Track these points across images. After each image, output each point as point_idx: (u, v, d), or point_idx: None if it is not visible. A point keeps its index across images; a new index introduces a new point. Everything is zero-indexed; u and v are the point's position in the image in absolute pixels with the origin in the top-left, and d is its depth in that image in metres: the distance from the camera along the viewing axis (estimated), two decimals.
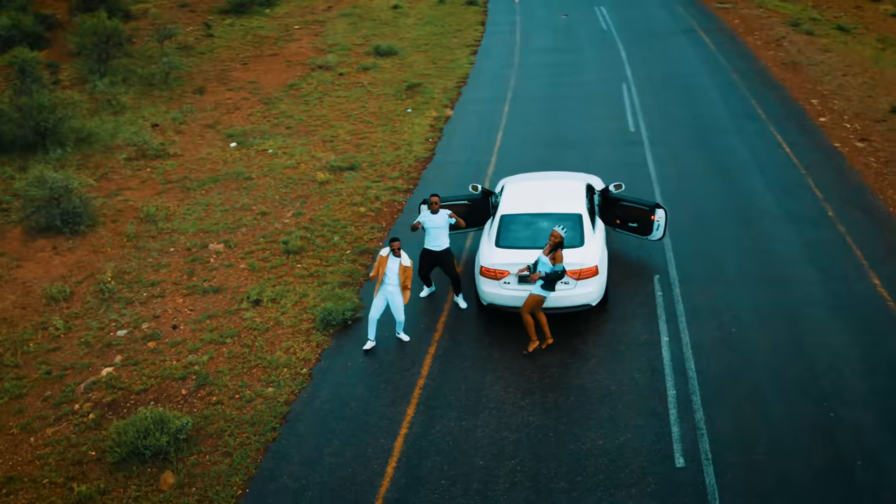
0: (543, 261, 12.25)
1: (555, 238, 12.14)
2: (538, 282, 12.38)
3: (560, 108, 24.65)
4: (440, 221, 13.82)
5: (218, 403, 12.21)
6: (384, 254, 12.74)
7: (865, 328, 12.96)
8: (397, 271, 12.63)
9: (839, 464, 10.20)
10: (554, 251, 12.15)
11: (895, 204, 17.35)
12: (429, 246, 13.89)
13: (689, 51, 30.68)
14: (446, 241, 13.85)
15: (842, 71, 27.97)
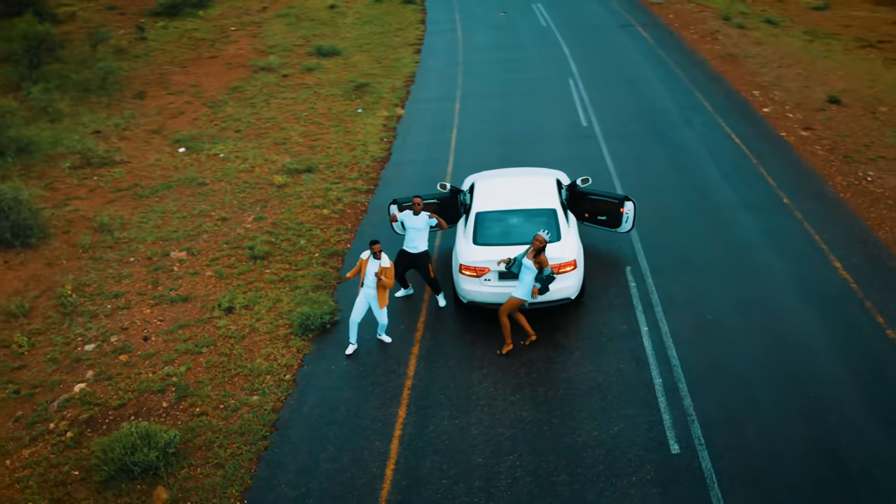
0: (527, 264, 12.27)
1: (539, 242, 12.17)
2: (520, 285, 12.40)
3: (511, 104, 24.83)
4: (420, 223, 13.78)
5: (202, 415, 11.93)
6: (364, 256, 12.64)
7: (833, 310, 13.42)
8: (377, 274, 12.54)
9: (826, 443, 10.55)
10: (538, 255, 12.18)
11: (844, 189, 17.98)
12: (406, 247, 13.84)
13: (630, 46, 31.25)
14: (424, 244, 13.82)
15: (777, 63, 28.87)
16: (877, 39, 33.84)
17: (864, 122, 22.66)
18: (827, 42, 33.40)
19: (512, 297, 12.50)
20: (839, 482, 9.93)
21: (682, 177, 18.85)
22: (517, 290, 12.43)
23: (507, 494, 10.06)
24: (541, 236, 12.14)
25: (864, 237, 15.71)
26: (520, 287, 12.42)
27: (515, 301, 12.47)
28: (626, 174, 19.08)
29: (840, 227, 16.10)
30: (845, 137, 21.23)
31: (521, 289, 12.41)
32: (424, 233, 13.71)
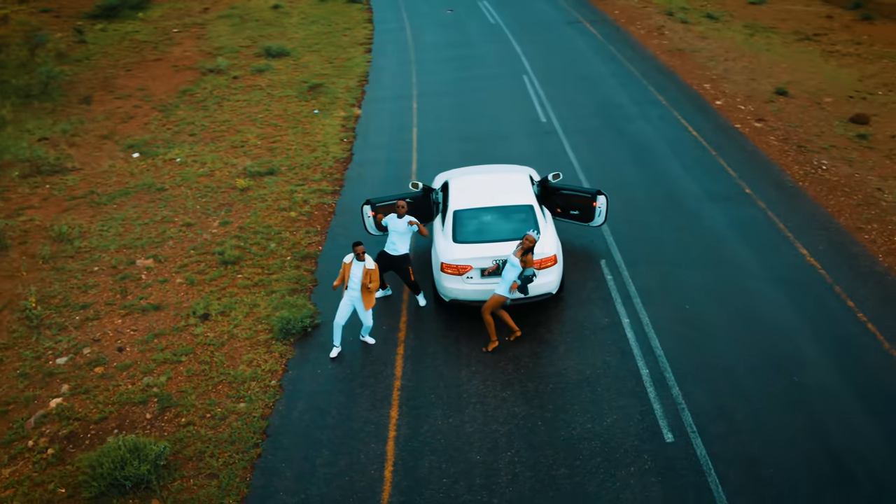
0: (513, 261, 12.32)
1: (529, 242, 12.20)
2: (502, 282, 12.45)
3: (468, 102, 24.89)
4: (402, 227, 13.74)
5: (189, 425, 11.70)
6: (347, 260, 12.55)
7: (805, 296, 13.82)
8: (361, 276, 12.47)
9: (815, 425, 10.87)
10: (525, 254, 12.23)
11: (802, 178, 18.51)
12: (387, 249, 13.79)
13: (580, 42, 31.61)
14: (405, 248, 13.79)
15: (723, 56, 29.55)
16: (812, 32, 34.87)
17: (811, 112, 23.35)
18: (767, 36, 34.30)
19: (495, 294, 12.54)
20: (829, 462, 10.26)
21: (645, 170, 19.15)
22: (500, 288, 12.48)
23: (509, 490, 10.10)
24: (531, 236, 12.19)
25: (826, 224, 16.19)
26: (502, 284, 12.47)
27: (498, 298, 12.51)
28: (590, 169, 19.31)
29: (802, 215, 16.57)
30: (797, 128, 21.84)
31: (503, 286, 12.46)
32: (406, 236, 13.67)
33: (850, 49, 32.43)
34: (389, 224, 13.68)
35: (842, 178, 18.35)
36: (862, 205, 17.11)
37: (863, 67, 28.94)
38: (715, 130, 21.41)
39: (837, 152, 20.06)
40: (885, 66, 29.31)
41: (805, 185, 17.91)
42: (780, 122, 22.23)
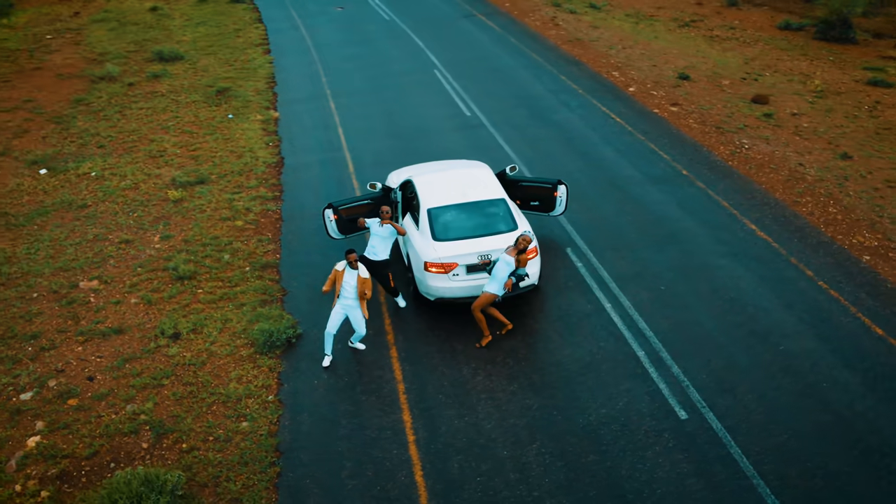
0: (507, 260, 12.34)
1: (524, 242, 12.28)
2: (492, 279, 12.49)
3: (386, 99, 24.76)
4: (385, 232, 13.59)
5: (193, 450, 11.18)
6: (340, 267, 12.27)
7: (765, 269, 14.63)
8: (355, 284, 12.24)
9: (809, 388, 11.56)
10: (520, 254, 12.28)
11: (729, 158, 19.53)
12: (368, 254, 13.61)
13: (481, 35, 31.99)
14: (386, 253, 13.63)
15: (619, 45, 30.65)
16: (689, 19, 36.69)
17: (716, 95, 24.62)
18: (650, 24, 35.83)
19: (485, 292, 12.57)
20: (832, 419, 10.92)
21: (582, 158, 19.66)
22: (490, 286, 12.52)
23: (546, 482, 10.21)
24: (527, 237, 12.24)
25: (764, 200, 17.16)
26: (492, 282, 12.51)
27: (489, 296, 12.56)
28: (528, 160, 19.64)
29: (741, 193, 17.48)
30: (709, 110, 22.97)
31: (494, 283, 12.50)
32: (389, 241, 13.53)
33: (727, 34, 34.32)
34: (372, 229, 13.49)
35: (765, 156, 19.46)
36: (790, 180, 18.21)
37: (743, 51, 30.70)
38: (636, 116, 22.20)
39: (752, 131, 21.24)
40: (762, 49, 31.21)
41: (735, 164, 18.88)
42: (693, 105, 23.30)
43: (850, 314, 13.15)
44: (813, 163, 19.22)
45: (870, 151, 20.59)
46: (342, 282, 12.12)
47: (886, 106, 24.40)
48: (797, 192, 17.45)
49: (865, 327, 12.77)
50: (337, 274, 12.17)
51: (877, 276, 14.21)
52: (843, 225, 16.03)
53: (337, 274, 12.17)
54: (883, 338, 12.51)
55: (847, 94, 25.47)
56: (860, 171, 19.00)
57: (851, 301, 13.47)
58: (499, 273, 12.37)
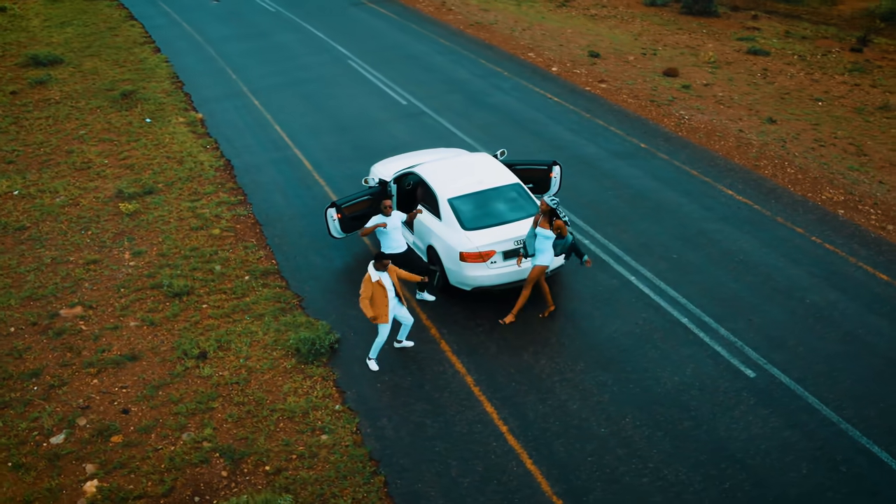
0: (543, 233, 12.43)
1: (545, 207, 12.28)
2: (539, 253, 12.61)
3: (312, 93, 24.09)
4: (397, 222, 13.36)
5: (280, 472, 10.62)
6: (374, 277, 11.80)
7: (757, 229, 15.58)
8: (393, 285, 11.96)
9: (851, 336, 12.50)
10: (552, 221, 12.37)
11: (677, 129, 20.51)
12: (390, 251, 13.34)
13: (377, 22, 31.68)
14: (404, 243, 13.45)
15: (517, 26, 31.28)
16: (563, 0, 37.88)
17: (630, 70, 25.69)
18: (531, 5, 36.77)
19: (536, 265, 12.59)
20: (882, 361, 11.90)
21: (538, 139, 20.00)
22: (541, 258, 12.56)
23: (655, 452, 10.48)
24: (545, 201, 12.25)
25: (728, 166, 18.18)
26: (541, 255, 12.55)
27: (540, 268, 12.62)
28: (486, 144, 19.75)
29: (704, 161, 18.43)
30: (633, 85, 23.96)
31: (544, 256, 12.53)
32: (401, 231, 13.36)
33: (603, 12, 35.81)
34: (388, 223, 13.20)
35: (707, 125, 20.57)
36: (740, 146, 19.36)
37: (627, 28, 32.16)
38: (572, 95, 22.81)
39: (682, 103, 22.37)
40: (643, 25, 32.81)
41: (685, 135, 19.85)
42: (618, 81, 24.20)
43: (852, 264, 14.22)
44: (748, 129, 20.50)
45: (786, 115, 22.19)
46: (383, 289, 11.73)
47: (774, 73, 26.31)
48: (752, 157, 18.57)
49: (870, 275, 13.87)
50: (374, 286, 11.72)
51: (858, 227, 15.43)
52: (806, 184, 17.25)
53: (374, 286, 11.72)
54: (890, 283, 13.64)
55: (736, 64, 27.23)
56: (790, 133, 20.46)
57: (848, 252, 14.56)
58: (544, 245, 12.37)
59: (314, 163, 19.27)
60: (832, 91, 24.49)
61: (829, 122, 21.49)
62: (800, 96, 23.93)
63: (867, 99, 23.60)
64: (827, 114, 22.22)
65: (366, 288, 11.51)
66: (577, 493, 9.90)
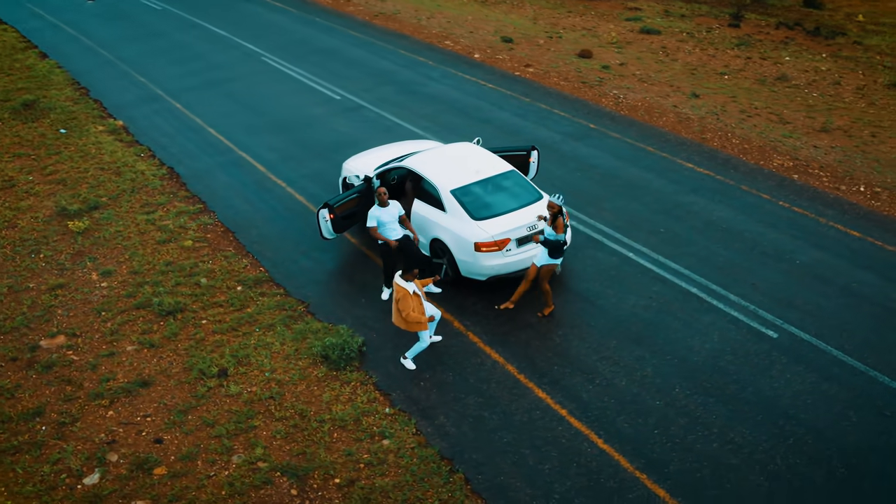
0: (550, 232, 12.44)
1: (553, 208, 12.27)
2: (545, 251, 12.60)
3: (236, 93, 23.20)
4: (395, 211, 13.23)
5: (352, 483, 10.34)
6: (411, 289, 11.58)
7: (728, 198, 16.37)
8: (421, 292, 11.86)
9: (849, 291, 13.38)
10: (555, 220, 12.42)
11: (617, 107, 21.19)
12: (395, 238, 13.17)
13: (277, 16, 30.88)
14: (401, 230, 13.34)
15: (422, 15, 31.26)
16: None
17: (546, 54, 26.26)
18: None
19: (544, 265, 12.59)
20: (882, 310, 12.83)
21: (489, 126, 20.12)
22: (543, 257, 12.56)
23: (714, 418, 10.90)
24: (553, 202, 12.25)
25: (678, 140, 18.98)
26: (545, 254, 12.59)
27: (550, 267, 12.65)
28: (438, 134, 19.69)
29: (654, 138, 19.15)
30: (558, 68, 24.52)
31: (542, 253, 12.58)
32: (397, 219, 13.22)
33: None
34: (384, 217, 13.02)
35: (643, 103, 21.36)
36: (682, 121, 20.25)
37: (519, 13, 32.85)
38: (504, 80, 23.09)
39: (611, 83, 23.12)
40: (535, 10, 33.63)
41: (627, 113, 20.55)
42: (541, 64, 24.69)
43: (823, 224, 15.24)
44: (680, 104, 21.45)
45: (703, 89, 23.36)
46: (422, 296, 11.59)
47: (673, 50, 27.62)
48: (697, 131, 19.46)
49: (843, 233, 14.91)
50: (414, 297, 11.53)
51: (815, 190, 16.52)
52: (754, 153, 18.27)
53: (414, 297, 11.53)
54: (862, 238, 14.71)
55: (636, 44, 28.39)
56: (716, 106, 21.57)
57: (816, 213, 15.58)
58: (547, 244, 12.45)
59: (266, 164, 18.59)
60: (731, 65, 25.92)
61: (743, 94, 22.76)
62: (705, 71, 25.18)
63: (763, 71, 25.14)
64: (736, 86, 23.52)
65: (406, 303, 11.25)
66: (657, 465, 10.13)
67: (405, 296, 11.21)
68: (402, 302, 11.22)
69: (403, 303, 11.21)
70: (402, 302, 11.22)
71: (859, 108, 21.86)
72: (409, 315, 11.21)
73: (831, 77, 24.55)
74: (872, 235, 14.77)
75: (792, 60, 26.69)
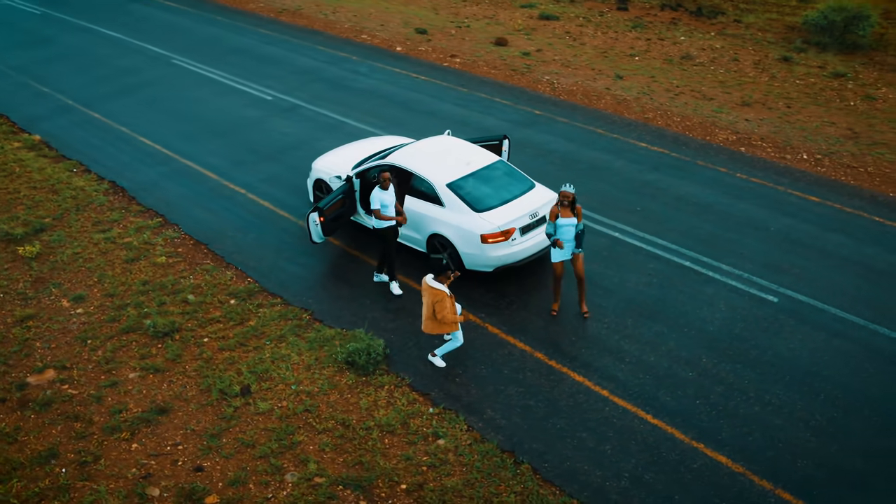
0: (566, 223, 12.35)
1: (568, 197, 12.22)
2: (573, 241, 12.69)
3: (161, 99, 22.09)
4: (393, 197, 13.21)
5: (421, 486, 10.23)
6: (449, 292, 11.53)
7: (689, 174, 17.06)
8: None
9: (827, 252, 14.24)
10: (573, 208, 12.39)
11: (558, 93, 21.63)
12: (388, 224, 13.10)
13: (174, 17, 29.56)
14: None
15: (324, 10, 30.73)
16: None
17: (464, 43, 26.45)
18: None
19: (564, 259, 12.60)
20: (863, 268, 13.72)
21: (434, 118, 20.07)
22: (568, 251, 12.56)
23: (747, 382, 11.42)
24: (567, 191, 12.20)
25: (624, 121, 19.64)
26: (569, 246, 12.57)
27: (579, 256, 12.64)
28: (384, 128, 19.48)
29: (601, 119, 19.72)
30: (482, 57, 24.76)
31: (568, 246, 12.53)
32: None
33: None
34: (385, 199, 12.95)
35: (578, 87, 21.94)
36: (620, 102, 20.94)
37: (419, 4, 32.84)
38: (434, 71, 23.11)
39: (539, 69, 23.59)
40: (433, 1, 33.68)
41: (567, 98, 21.05)
42: (465, 55, 24.86)
43: (782, 192, 16.20)
44: (612, 87, 22.17)
45: (623, 71, 24.22)
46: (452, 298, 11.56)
47: (576, 34, 28.46)
48: (638, 111, 20.18)
49: (803, 199, 15.91)
50: (451, 297, 11.48)
51: (764, 160, 17.52)
52: (697, 129, 19.15)
53: (451, 297, 11.48)
54: (822, 202, 15.75)
55: (540, 30, 29.06)
56: (642, 86, 22.42)
57: (774, 182, 16.53)
58: (567, 236, 12.56)
59: (216, 171, 17.87)
60: (636, 47, 26.94)
61: (659, 74, 23.72)
62: (615, 54, 26.06)
63: (667, 51, 26.27)
64: (649, 66, 24.49)
65: (444, 305, 11.13)
66: (710, 434, 10.54)
67: (443, 298, 11.09)
68: (439, 304, 11.09)
69: (441, 305, 11.09)
70: (439, 304, 11.09)
71: (764, 81, 23.20)
72: (447, 317, 11.11)
73: (728, 54, 25.90)
74: (830, 199, 15.78)
75: (687, 40, 27.95)
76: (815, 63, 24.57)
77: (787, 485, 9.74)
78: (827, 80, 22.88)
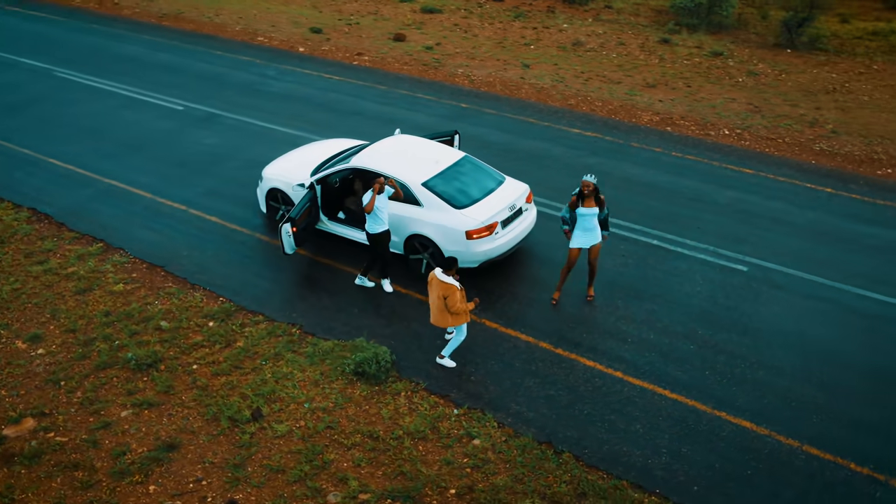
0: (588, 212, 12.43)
1: (589, 186, 12.29)
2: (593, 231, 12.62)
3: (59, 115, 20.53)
4: (385, 200, 13.14)
5: (471, 489, 10.24)
6: (459, 286, 11.55)
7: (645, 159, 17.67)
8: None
9: (801, 227, 15.16)
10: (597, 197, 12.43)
11: (474, 84, 21.83)
12: (382, 228, 13.02)
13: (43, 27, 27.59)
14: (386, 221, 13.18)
15: (205, 12, 29.60)
16: None
17: (363, 41, 26.25)
18: None
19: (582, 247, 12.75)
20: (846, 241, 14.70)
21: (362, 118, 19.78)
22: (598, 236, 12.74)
23: (746, 350, 12.01)
24: (588, 181, 12.28)
25: (550, 109, 20.13)
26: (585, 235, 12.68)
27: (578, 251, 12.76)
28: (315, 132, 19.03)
29: (528, 109, 20.11)
30: (389, 53, 24.66)
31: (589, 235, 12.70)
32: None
33: None
34: (381, 203, 12.84)
35: (494, 78, 22.26)
36: (540, 91, 21.41)
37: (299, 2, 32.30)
38: (347, 71, 22.82)
39: (449, 62, 23.73)
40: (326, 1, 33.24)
41: (487, 89, 21.32)
42: (371, 53, 24.67)
43: (718, 167, 17.18)
44: (524, 76, 22.64)
45: (526, 60, 24.80)
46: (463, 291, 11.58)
47: (466, 27, 28.90)
48: (560, 98, 20.74)
49: (738, 172, 16.91)
50: (462, 291, 11.48)
51: (691, 138, 18.49)
52: (621, 112, 19.91)
53: (462, 291, 11.48)
54: (757, 174, 16.80)
55: (429, 24, 29.31)
56: (552, 74, 23.05)
57: (708, 158, 17.49)
58: (589, 224, 12.58)
59: (147, 189, 16.94)
60: (527, 36, 27.63)
61: (560, 61, 24.42)
62: (510, 43, 26.62)
63: (556, 38, 27.10)
64: (547, 54, 25.18)
65: (455, 297, 11.10)
66: (728, 402, 11.08)
67: (454, 291, 11.04)
68: (450, 297, 11.04)
69: (452, 298, 11.04)
70: (450, 297, 11.04)
71: (655, 63, 24.36)
72: (458, 307, 11.07)
73: (613, 39, 27.00)
74: (763, 171, 16.82)
75: (570, 27, 28.90)
76: (692, 44, 25.97)
77: (813, 440, 10.33)
78: (709, 59, 24.23)
